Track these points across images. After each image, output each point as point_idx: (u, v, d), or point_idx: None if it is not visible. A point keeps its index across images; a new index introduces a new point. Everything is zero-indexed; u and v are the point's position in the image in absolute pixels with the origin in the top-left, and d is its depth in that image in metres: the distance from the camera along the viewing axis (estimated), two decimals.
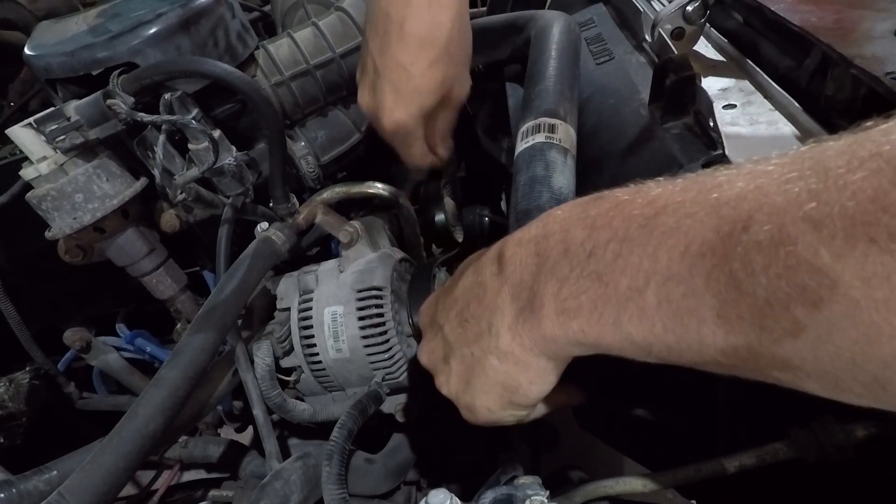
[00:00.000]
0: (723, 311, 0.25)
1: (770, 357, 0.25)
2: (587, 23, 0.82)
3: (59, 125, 0.62)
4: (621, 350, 0.32)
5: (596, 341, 0.32)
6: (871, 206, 0.21)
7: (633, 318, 0.29)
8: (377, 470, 0.68)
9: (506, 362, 0.38)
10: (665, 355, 0.30)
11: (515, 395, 0.40)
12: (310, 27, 0.77)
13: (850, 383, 0.24)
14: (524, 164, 0.58)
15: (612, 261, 0.30)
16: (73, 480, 0.46)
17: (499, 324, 0.38)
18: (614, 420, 0.79)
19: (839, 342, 0.22)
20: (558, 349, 0.36)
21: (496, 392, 0.40)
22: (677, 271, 0.27)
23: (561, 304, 0.33)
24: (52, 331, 0.83)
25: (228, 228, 0.71)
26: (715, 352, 0.27)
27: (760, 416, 0.59)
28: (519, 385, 0.39)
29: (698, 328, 0.27)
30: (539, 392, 0.40)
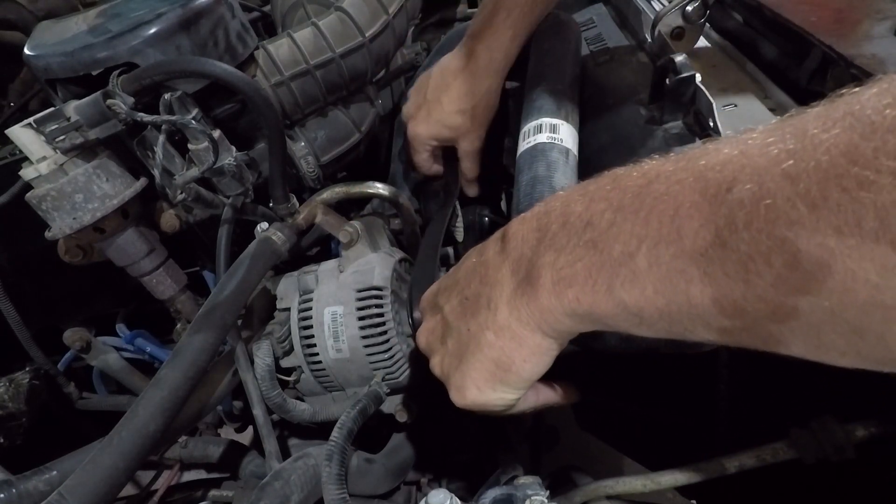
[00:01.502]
0: (709, 269, 0.26)
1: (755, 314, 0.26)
2: (587, 23, 0.82)
3: (59, 125, 0.62)
4: (615, 319, 0.32)
5: (590, 309, 0.33)
6: (843, 160, 0.22)
7: (626, 282, 0.30)
8: (377, 470, 0.68)
9: (501, 337, 0.39)
10: (657, 321, 0.30)
11: (507, 373, 0.40)
12: (310, 27, 0.77)
13: (831, 336, 0.24)
14: (526, 163, 0.58)
15: (606, 229, 0.31)
16: (73, 480, 0.46)
17: (497, 298, 0.38)
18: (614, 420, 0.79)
19: (818, 292, 0.23)
20: (554, 322, 0.36)
21: (488, 369, 0.40)
22: (666, 234, 0.28)
23: (557, 274, 0.34)
24: (52, 331, 0.83)
25: (228, 228, 0.71)
26: (703, 312, 0.27)
27: (760, 416, 0.59)
28: (512, 362, 0.39)
29: (687, 288, 0.27)
30: (531, 372, 0.40)
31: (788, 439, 0.50)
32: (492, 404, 0.43)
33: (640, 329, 0.32)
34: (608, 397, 0.76)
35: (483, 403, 0.43)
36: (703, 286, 0.27)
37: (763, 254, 0.24)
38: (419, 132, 0.76)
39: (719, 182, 0.26)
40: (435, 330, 0.47)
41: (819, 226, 0.22)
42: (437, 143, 0.77)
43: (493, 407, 0.43)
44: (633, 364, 0.65)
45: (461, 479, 0.76)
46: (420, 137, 0.76)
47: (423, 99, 0.76)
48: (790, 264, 0.23)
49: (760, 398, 0.61)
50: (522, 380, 0.41)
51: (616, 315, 0.32)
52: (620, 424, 0.79)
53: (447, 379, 0.45)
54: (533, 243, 0.36)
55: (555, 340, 0.38)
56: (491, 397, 0.42)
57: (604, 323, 0.33)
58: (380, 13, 0.80)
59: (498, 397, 0.42)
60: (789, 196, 0.23)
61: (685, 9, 0.61)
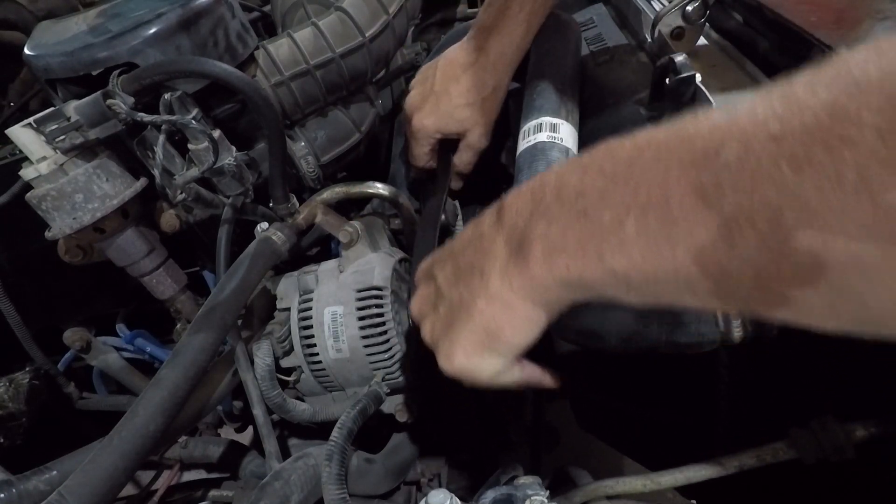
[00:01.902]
0: (695, 232, 0.27)
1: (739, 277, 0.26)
2: (587, 23, 0.82)
3: (59, 125, 0.62)
4: (604, 286, 0.33)
5: (580, 277, 0.33)
6: (828, 119, 0.22)
7: (615, 249, 0.30)
8: (377, 470, 0.68)
9: (492, 305, 0.39)
10: (644, 287, 0.31)
11: (496, 341, 0.41)
12: (310, 27, 0.77)
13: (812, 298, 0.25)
14: (526, 163, 0.59)
15: (597, 198, 0.31)
16: (73, 480, 0.46)
17: (490, 268, 0.39)
18: (614, 420, 0.79)
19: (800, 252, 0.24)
20: (545, 291, 0.36)
21: (477, 336, 0.41)
22: (655, 200, 0.28)
23: (549, 244, 0.34)
24: (52, 331, 0.83)
25: (228, 228, 0.71)
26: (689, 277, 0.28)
27: (760, 416, 0.59)
28: (501, 330, 0.40)
29: (673, 253, 0.28)
30: (519, 341, 0.41)
31: (788, 439, 0.50)
32: (478, 371, 0.43)
33: (629, 296, 0.32)
34: (608, 397, 0.76)
35: (470, 370, 0.43)
36: (689, 250, 0.27)
37: (747, 215, 0.24)
38: (426, 124, 0.74)
39: (707, 147, 0.26)
40: (428, 297, 0.47)
41: (802, 186, 0.22)
42: (441, 136, 0.76)
43: (479, 375, 0.43)
44: (633, 364, 0.65)
45: (461, 479, 0.76)
46: (426, 129, 0.74)
47: (430, 90, 0.74)
48: (773, 226, 0.24)
49: (760, 398, 0.61)
50: (510, 348, 0.41)
51: (605, 282, 0.32)
52: (620, 424, 0.79)
53: (436, 344, 0.45)
54: (527, 215, 0.37)
55: (545, 311, 0.39)
56: (478, 364, 0.43)
57: (594, 291, 0.34)
58: (380, 13, 0.80)
59: (485, 364, 0.43)
60: (775, 157, 0.23)
61: (685, 9, 0.61)
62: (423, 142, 0.76)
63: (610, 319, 0.48)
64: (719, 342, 0.46)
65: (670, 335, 0.46)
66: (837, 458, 0.48)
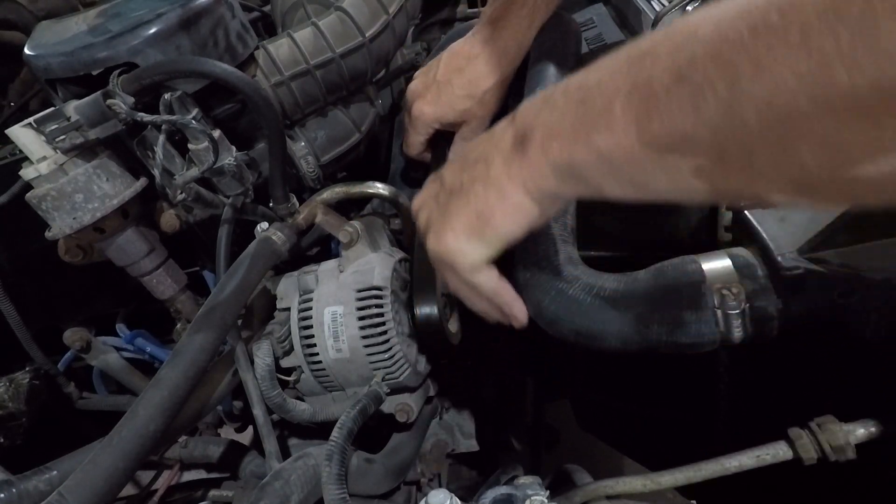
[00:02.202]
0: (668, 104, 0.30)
1: (701, 144, 0.29)
2: (587, 23, 0.82)
3: (59, 125, 0.62)
4: (589, 168, 0.36)
5: (570, 160, 0.37)
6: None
7: (602, 130, 0.34)
8: (377, 470, 0.68)
9: (489, 190, 0.42)
10: (623, 167, 0.34)
11: (486, 225, 0.43)
12: (310, 27, 0.77)
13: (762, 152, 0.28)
14: None
15: (595, 88, 0.35)
16: (73, 480, 0.46)
17: (495, 155, 0.42)
18: (614, 420, 0.79)
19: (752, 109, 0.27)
20: (538, 178, 0.39)
21: (469, 219, 0.44)
22: (641, 81, 0.31)
23: (548, 130, 0.38)
24: (52, 331, 0.83)
25: (228, 228, 0.71)
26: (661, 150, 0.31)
27: (760, 416, 0.59)
28: (493, 215, 0.43)
29: (649, 127, 0.31)
30: (506, 230, 0.43)
31: (788, 439, 0.50)
32: (462, 256, 0.46)
33: (610, 178, 0.36)
34: (608, 397, 0.77)
35: (455, 252, 0.46)
36: (663, 123, 0.30)
37: (711, 81, 0.27)
38: (425, 111, 0.74)
39: (687, 31, 0.30)
40: (431, 191, 0.50)
41: (757, 47, 0.25)
42: (439, 126, 0.76)
43: (461, 259, 0.46)
44: (633, 364, 0.65)
45: (461, 479, 0.76)
46: (425, 117, 0.75)
47: (433, 80, 0.74)
48: (731, 85, 0.27)
49: (760, 398, 0.61)
50: (497, 237, 0.44)
51: (591, 164, 0.35)
52: (620, 424, 0.79)
53: (429, 227, 0.48)
54: (536, 111, 0.40)
55: (536, 204, 0.41)
56: (464, 247, 0.45)
57: (580, 175, 0.37)
58: (380, 13, 0.80)
59: (469, 249, 0.45)
60: (739, 28, 0.26)
61: (685, 9, 0.61)
62: (421, 130, 0.77)
63: (610, 320, 0.48)
64: (719, 342, 0.46)
65: (670, 335, 0.46)
66: (837, 458, 0.48)
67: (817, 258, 0.45)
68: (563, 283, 0.49)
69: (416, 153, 0.80)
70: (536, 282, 0.51)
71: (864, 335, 0.51)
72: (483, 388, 0.83)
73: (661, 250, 0.55)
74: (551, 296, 0.50)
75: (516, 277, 0.54)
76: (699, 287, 0.46)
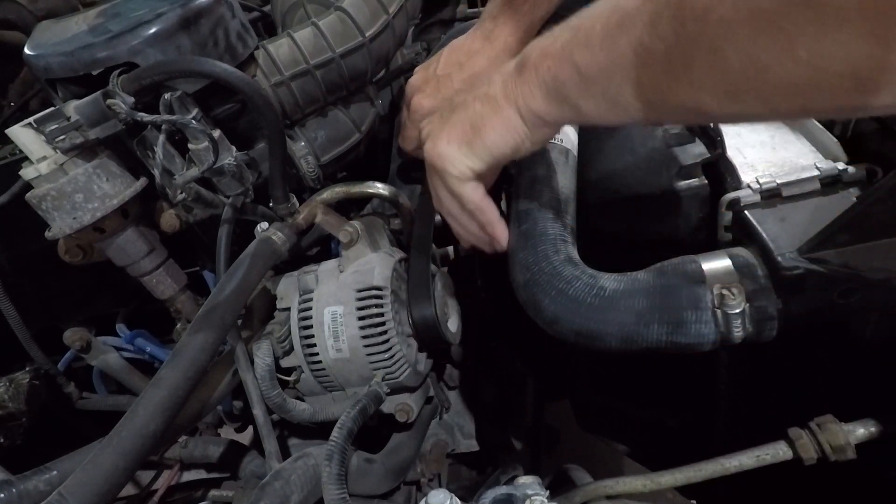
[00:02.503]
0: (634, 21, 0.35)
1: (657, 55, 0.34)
2: None
3: (59, 125, 0.62)
4: (568, 84, 0.41)
5: (555, 76, 0.42)
6: None
7: (583, 48, 0.39)
8: (377, 470, 0.68)
9: (485, 105, 0.48)
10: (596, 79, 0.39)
11: (476, 135, 0.48)
12: (310, 27, 0.77)
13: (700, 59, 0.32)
14: (525, 163, 0.58)
15: (588, 16, 0.39)
16: (73, 480, 0.46)
17: (497, 78, 0.48)
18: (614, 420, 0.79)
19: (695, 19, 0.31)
20: (528, 96, 0.45)
21: (463, 128, 0.49)
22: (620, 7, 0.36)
23: (543, 51, 0.42)
24: (52, 331, 0.83)
25: (228, 228, 0.71)
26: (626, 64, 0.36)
27: (760, 416, 0.59)
28: (483, 126, 0.48)
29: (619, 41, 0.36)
30: (495, 143, 0.48)
31: (788, 439, 0.50)
32: (451, 162, 0.50)
33: (587, 94, 0.41)
34: (608, 397, 0.77)
35: (446, 158, 0.50)
36: (630, 41, 0.35)
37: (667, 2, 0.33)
38: (424, 105, 0.73)
39: None
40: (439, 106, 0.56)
41: None
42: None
43: (450, 166, 0.51)
44: (633, 364, 0.65)
45: (461, 479, 0.76)
46: (423, 111, 0.73)
47: (433, 74, 0.74)
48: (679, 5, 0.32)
49: (760, 398, 0.61)
50: (486, 148, 0.49)
51: (572, 80, 0.41)
52: (620, 424, 0.79)
53: (427, 136, 0.53)
54: (538, 40, 0.44)
55: (524, 123, 0.46)
56: (454, 154, 0.50)
57: (563, 93, 0.42)
58: (380, 13, 0.80)
59: (460, 157, 0.50)
60: None
61: None
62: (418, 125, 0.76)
63: (610, 320, 0.48)
64: (719, 342, 0.46)
65: (670, 335, 0.46)
66: (837, 458, 0.48)
67: (817, 258, 0.44)
68: (563, 283, 0.49)
69: (412, 148, 0.78)
70: (536, 282, 0.51)
71: (864, 335, 0.51)
72: (483, 388, 0.83)
73: (661, 250, 0.55)
74: (551, 296, 0.50)
75: (516, 277, 0.54)
76: (699, 287, 0.46)
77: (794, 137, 0.55)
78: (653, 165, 0.57)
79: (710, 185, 0.56)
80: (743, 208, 0.51)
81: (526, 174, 0.58)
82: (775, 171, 0.52)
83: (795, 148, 0.54)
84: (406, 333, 0.67)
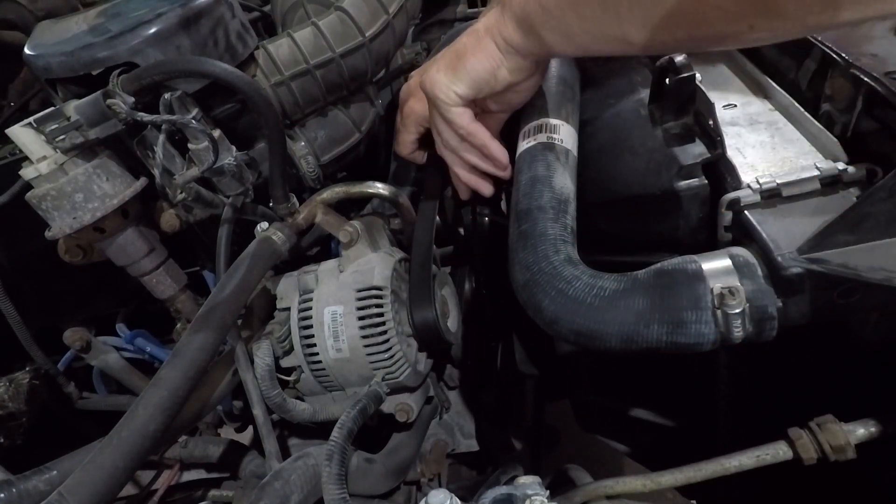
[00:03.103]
0: None
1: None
2: None
3: (59, 125, 0.62)
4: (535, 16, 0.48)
5: (523, 10, 0.49)
6: None
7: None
8: (377, 470, 0.68)
9: (470, 38, 0.55)
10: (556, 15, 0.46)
11: (460, 62, 0.55)
12: (310, 27, 0.77)
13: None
14: (526, 163, 0.58)
15: None
16: (73, 480, 0.46)
17: (483, 16, 0.55)
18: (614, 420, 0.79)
19: None
20: (503, 29, 0.52)
21: (450, 57, 0.56)
22: None
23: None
24: (52, 331, 0.83)
25: (228, 228, 0.71)
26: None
27: (760, 416, 0.59)
28: (466, 53, 0.55)
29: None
30: (474, 68, 0.54)
31: (788, 439, 0.50)
32: (438, 87, 0.57)
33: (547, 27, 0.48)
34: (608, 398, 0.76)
35: (434, 82, 0.57)
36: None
37: None
38: (416, 109, 0.71)
39: None
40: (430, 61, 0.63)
41: None
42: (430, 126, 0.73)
43: (438, 93, 0.57)
44: (633, 364, 0.65)
45: (461, 479, 0.76)
46: (416, 115, 0.71)
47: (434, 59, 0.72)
48: None
49: (760, 398, 0.61)
50: (467, 72, 0.55)
51: (536, 13, 0.48)
52: (620, 424, 0.79)
53: (424, 72, 0.60)
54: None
55: (501, 52, 0.53)
56: (441, 79, 0.56)
57: (530, 25, 0.49)
58: (380, 13, 0.80)
59: (447, 81, 0.56)
60: None
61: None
62: (411, 128, 0.73)
63: (610, 320, 0.48)
64: (719, 342, 0.46)
65: (670, 335, 0.46)
66: (837, 458, 0.48)
67: (817, 258, 0.44)
68: (563, 284, 0.49)
69: (407, 153, 0.76)
70: (536, 282, 0.51)
71: (864, 335, 0.51)
72: (483, 388, 0.83)
73: (661, 250, 0.55)
74: (551, 296, 0.50)
75: (516, 278, 0.54)
76: (699, 287, 0.46)
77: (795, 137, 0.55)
78: (653, 165, 0.57)
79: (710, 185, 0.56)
80: (743, 208, 0.51)
81: (526, 174, 0.58)
82: (775, 171, 0.52)
83: (795, 148, 0.54)
84: (406, 333, 0.67)
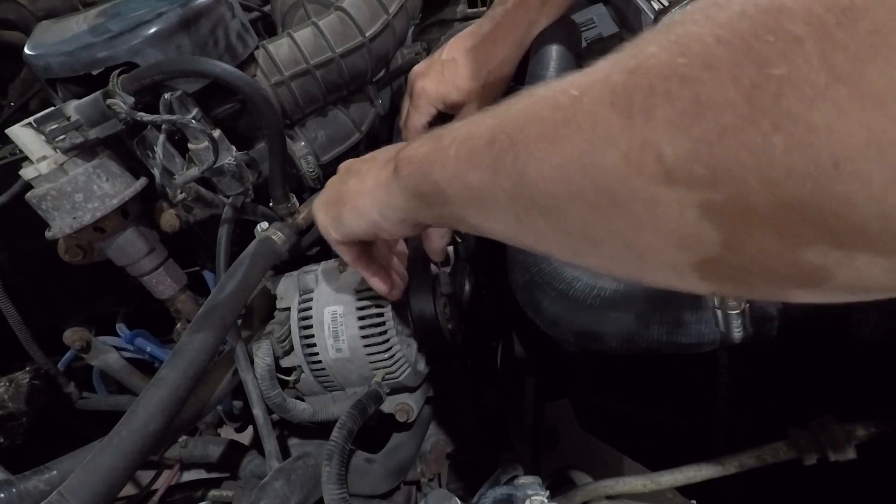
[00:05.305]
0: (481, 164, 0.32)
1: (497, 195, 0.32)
2: (587, 23, 0.82)
3: (59, 125, 0.62)
4: (429, 196, 0.39)
5: (415, 186, 0.41)
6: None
7: (439, 166, 0.37)
8: (377, 470, 0.68)
9: (357, 184, 0.49)
10: (450, 201, 0.37)
11: (339, 212, 0.51)
12: (310, 27, 0.77)
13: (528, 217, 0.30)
14: None
15: (449, 131, 0.37)
16: (73, 480, 0.46)
17: (380, 159, 0.49)
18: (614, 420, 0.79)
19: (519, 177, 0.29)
20: (385, 192, 0.45)
21: (332, 196, 0.52)
22: (472, 134, 0.34)
23: (409, 155, 0.42)
24: (52, 331, 0.83)
25: (228, 228, 0.71)
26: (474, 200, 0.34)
27: (760, 416, 0.59)
28: (345, 205, 0.50)
29: (466, 174, 0.34)
30: (350, 223, 0.50)
31: (788, 439, 0.50)
32: (323, 228, 0.54)
33: (442, 210, 0.39)
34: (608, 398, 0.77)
35: (319, 221, 0.54)
36: (475, 175, 0.33)
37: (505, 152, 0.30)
38: (428, 89, 0.73)
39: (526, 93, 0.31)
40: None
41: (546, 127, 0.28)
42: (442, 107, 0.75)
43: (324, 233, 0.54)
44: (633, 364, 0.65)
45: (461, 479, 0.76)
46: (428, 94, 0.73)
47: (438, 58, 0.74)
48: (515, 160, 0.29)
49: (760, 398, 0.61)
50: (344, 225, 0.51)
51: (429, 192, 0.39)
52: (620, 424, 0.79)
53: (316, 208, 0.56)
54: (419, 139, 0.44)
55: (378, 216, 0.46)
56: (323, 221, 0.54)
57: (426, 201, 0.41)
58: (380, 13, 0.80)
59: (327, 225, 0.53)
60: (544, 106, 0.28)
61: (685, 9, 0.61)
62: (423, 110, 0.75)
63: (610, 321, 0.48)
64: (719, 342, 0.46)
65: (670, 336, 0.46)
66: (837, 458, 0.48)
67: None
68: (563, 284, 0.49)
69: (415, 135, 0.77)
70: (536, 283, 0.51)
71: (864, 335, 0.51)
72: (483, 388, 0.83)
73: None
74: (551, 297, 0.50)
75: (516, 278, 0.54)
76: None
77: None
78: None
79: None
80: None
81: None
82: None
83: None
84: (406, 333, 0.67)
